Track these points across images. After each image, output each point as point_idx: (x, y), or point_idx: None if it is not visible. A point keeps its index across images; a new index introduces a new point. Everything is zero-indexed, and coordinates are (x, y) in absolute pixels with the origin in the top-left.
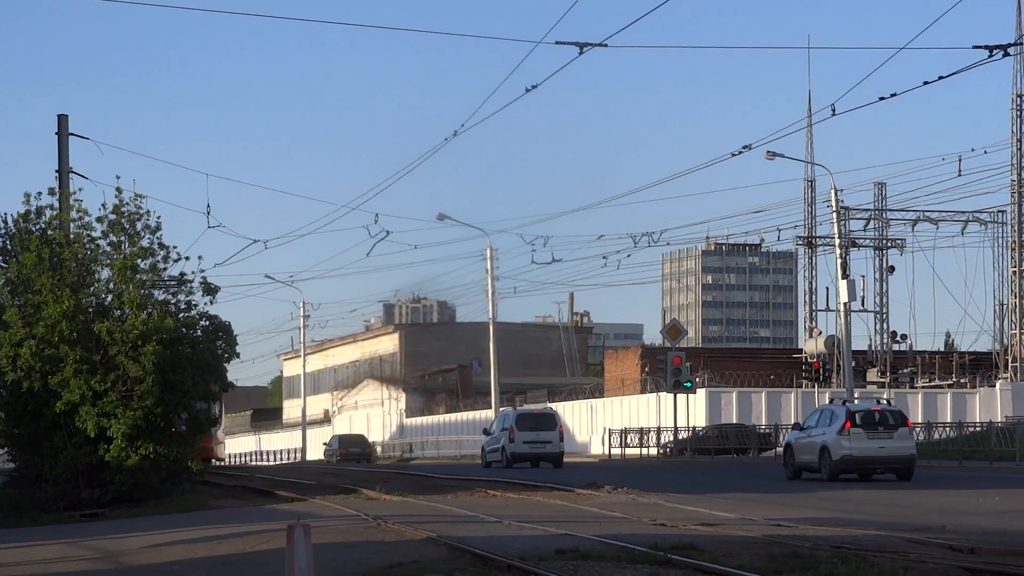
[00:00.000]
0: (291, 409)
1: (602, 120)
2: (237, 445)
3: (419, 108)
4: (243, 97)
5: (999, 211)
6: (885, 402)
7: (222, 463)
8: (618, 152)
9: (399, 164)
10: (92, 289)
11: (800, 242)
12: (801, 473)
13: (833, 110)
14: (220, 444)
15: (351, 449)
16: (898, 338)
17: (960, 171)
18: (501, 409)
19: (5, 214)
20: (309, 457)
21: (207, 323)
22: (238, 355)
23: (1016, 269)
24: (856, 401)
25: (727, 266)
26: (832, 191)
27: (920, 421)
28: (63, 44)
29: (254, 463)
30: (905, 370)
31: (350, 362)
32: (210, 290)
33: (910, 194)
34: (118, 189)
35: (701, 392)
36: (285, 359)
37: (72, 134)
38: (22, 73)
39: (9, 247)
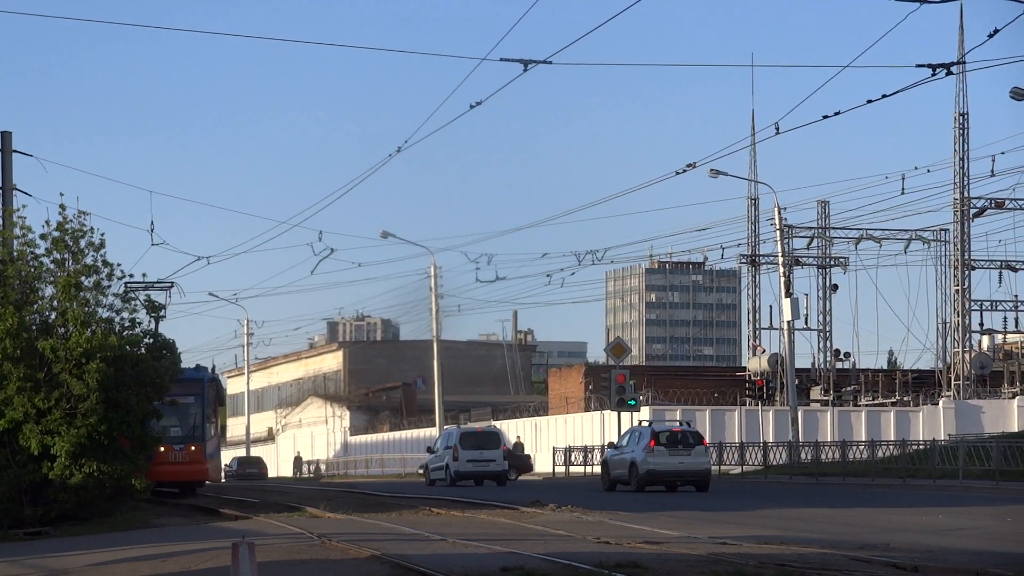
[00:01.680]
0: (235, 427)
1: (547, 138)
2: None
3: (363, 124)
4: (187, 114)
5: (942, 229)
6: (685, 424)
7: (217, 483)
8: (562, 170)
9: (342, 181)
10: (36, 306)
11: (743, 260)
12: (616, 485)
13: (777, 128)
14: (215, 463)
15: (248, 470)
16: (841, 356)
17: (903, 189)
18: (445, 427)
19: None
20: None
21: (151, 341)
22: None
23: (959, 288)
24: (678, 424)
25: (671, 284)
26: (775, 209)
27: (864, 439)
28: (5, 59)
29: None
30: (849, 388)
31: (294, 380)
32: (154, 308)
33: (853, 212)
34: (62, 206)
35: (645, 410)
36: (229, 377)
37: (16, 151)
38: None
39: None
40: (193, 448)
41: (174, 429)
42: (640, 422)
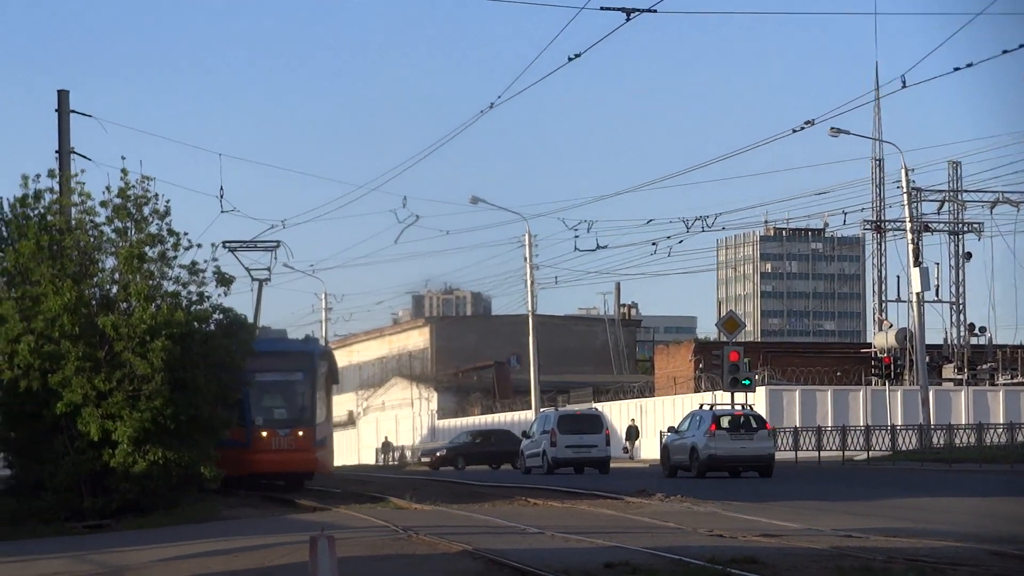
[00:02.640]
0: None
1: (651, 94)
2: None
3: (450, 81)
4: (258, 72)
5: None
6: (748, 407)
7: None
8: (668, 129)
9: (428, 141)
10: (96, 280)
11: (867, 227)
12: (676, 471)
13: (903, 82)
14: (326, 451)
15: None
16: (976, 331)
17: None
18: (542, 410)
19: (1, 198)
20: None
21: (221, 316)
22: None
23: None
24: (739, 406)
25: (788, 253)
26: (903, 171)
27: (1002, 421)
28: (64, 16)
29: None
30: (984, 366)
31: (377, 358)
32: (224, 281)
33: (989, 173)
34: (123, 171)
35: (761, 391)
36: None
37: (73, 111)
38: (19, 46)
39: (5, 234)
40: (301, 433)
41: (278, 411)
42: (701, 405)
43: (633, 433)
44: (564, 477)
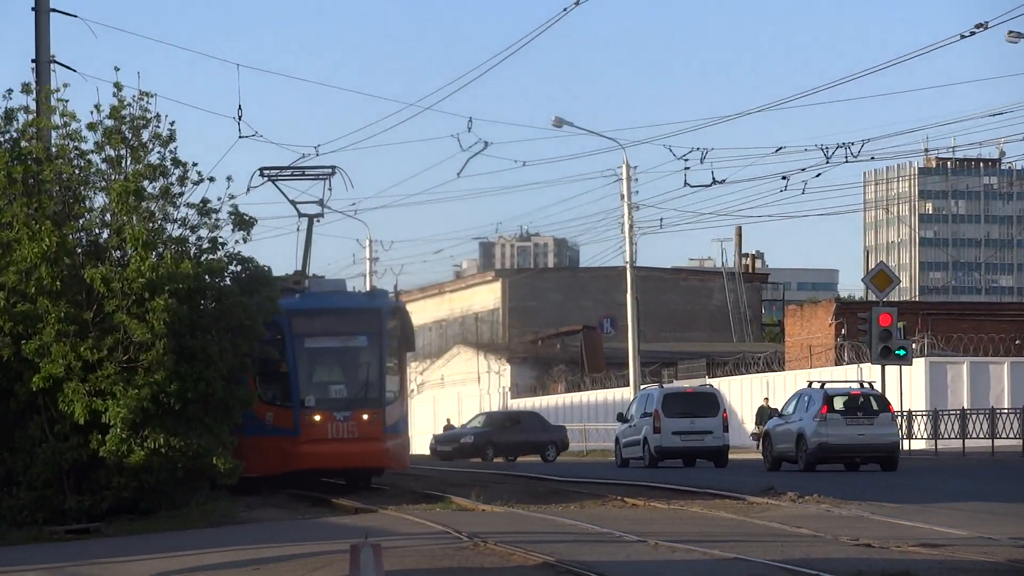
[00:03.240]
0: None
1: None
2: None
3: None
4: None
5: None
6: (868, 385)
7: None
8: (804, 37)
9: (497, 47)
10: (82, 222)
11: None
12: (780, 464)
13: None
14: (400, 441)
15: None
16: None
17: None
18: (642, 387)
19: None
20: None
21: (239, 268)
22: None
23: None
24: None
25: (954, 189)
26: None
27: None
28: None
29: None
30: None
31: (434, 321)
32: (243, 223)
33: None
34: (117, 85)
35: (919, 363)
36: None
37: (55, 10)
38: None
39: None
40: (366, 417)
41: (335, 388)
42: (809, 383)
43: (765, 415)
44: (670, 471)
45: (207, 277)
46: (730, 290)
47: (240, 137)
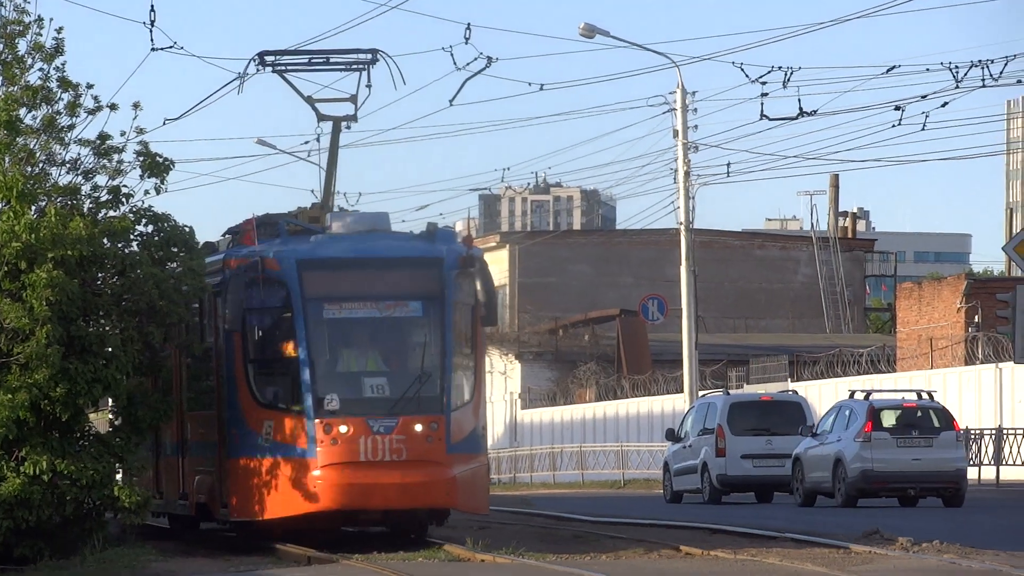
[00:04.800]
0: None
1: None
2: None
3: None
4: None
5: None
6: (927, 396)
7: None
8: None
9: None
10: None
11: None
12: (815, 498)
13: None
14: (476, 470)
15: None
16: None
17: None
18: (701, 394)
19: None
20: None
21: (151, 229)
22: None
23: None
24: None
25: None
26: None
27: None
28: None
29: None
30: None
31: None
32: (157, 168)
33: None
34: None
35: None
36: None
37: None
38: None
39: None
40: (420, 428)
41: (372, 382)
42: (852, 394)
43: None
44: (739, 508)
45: (106, 241)
46: (823, 262)
47: (153, 50)
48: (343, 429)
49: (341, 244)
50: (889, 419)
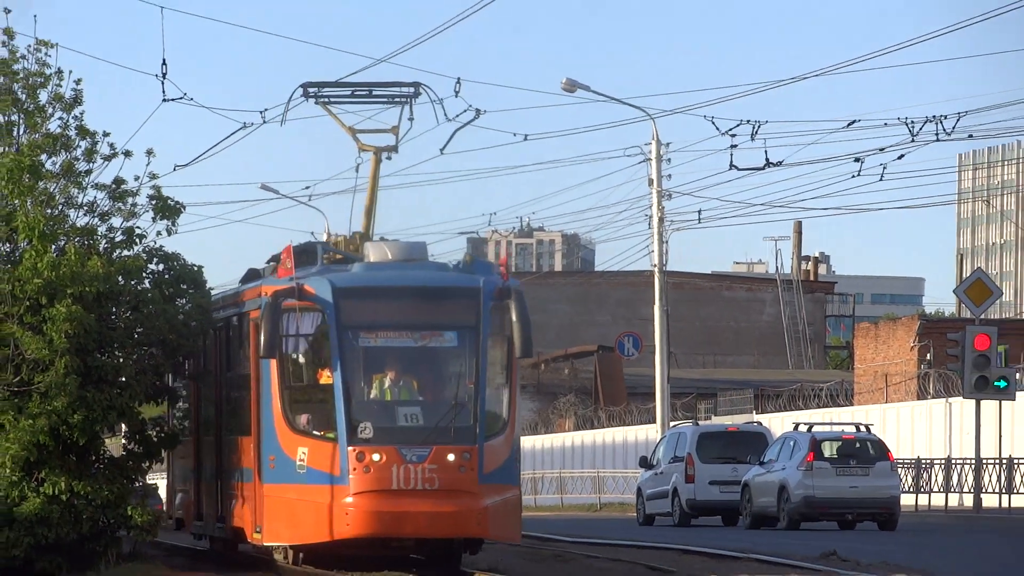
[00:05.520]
0: None
1: None
2: None
3: None
4: None
5: None
6: (864, 428)
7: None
8: None
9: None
10: None
11: None
12: (761, 522)
13: None
14: (508, 499)
15: None
16: None
17: None
18: (673, 425)
19: None
20: None
21: (162, 268)
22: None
23: None
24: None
25: None
26: None
27: None
28: None
29: None
30: None
31: None
32: (168, 210)
33: None
34: (7, 32)
35: None
36: None
37: None
38: None
39: None
40: (452, 458)
41: (406, 411)
42: (796, 426)
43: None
44: (707, 530)
45: (121, 278)
46: (786, 303)
47: (164, 100)
48: (376, 457)
49: (378, 273)
50: (829, 450)
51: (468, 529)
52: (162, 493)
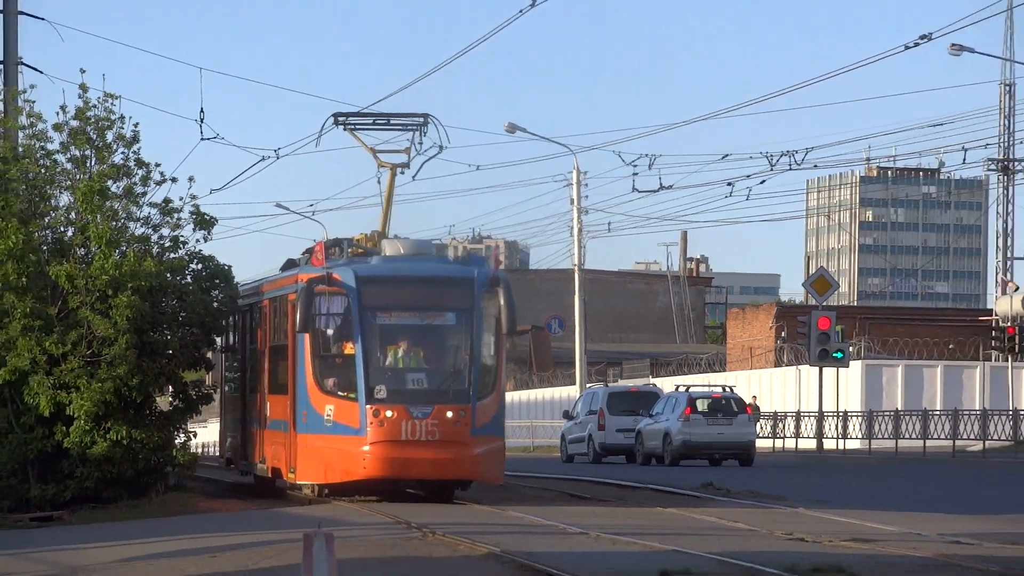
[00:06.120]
0: None
1: (727, 4)
2: None
3: None
4: None
5: None
6: (728, 389)
7: None
8: (749, 45)
9: (450, 51)
10: (47, 220)
11: (992, 167)
12: (651, 459)
13: None
14: (493, 446)
15: None
16: None
17: None
18: (588, 386)
19: None
20: None
21: (200, 267)
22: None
23: None
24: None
25: (894, 198)
26: None
27: None
28: None
29: None
30: None
31: None
32: (204, 223)
33: None
34: (82, 87)
35: (856, 366)
36: None
37: (22, 12)
38: None
39: None
40: (450, 414)
41: (413, 376)
42: (677, 387)
43: (754, 416)
44: (614, 467)
45: (169, 275)
46: (674, 293)
47: (202, 139)
48: (389, 414)
49: (392, 264)
50: (702, 405)
51: (462, 472)
52: (214, 438)
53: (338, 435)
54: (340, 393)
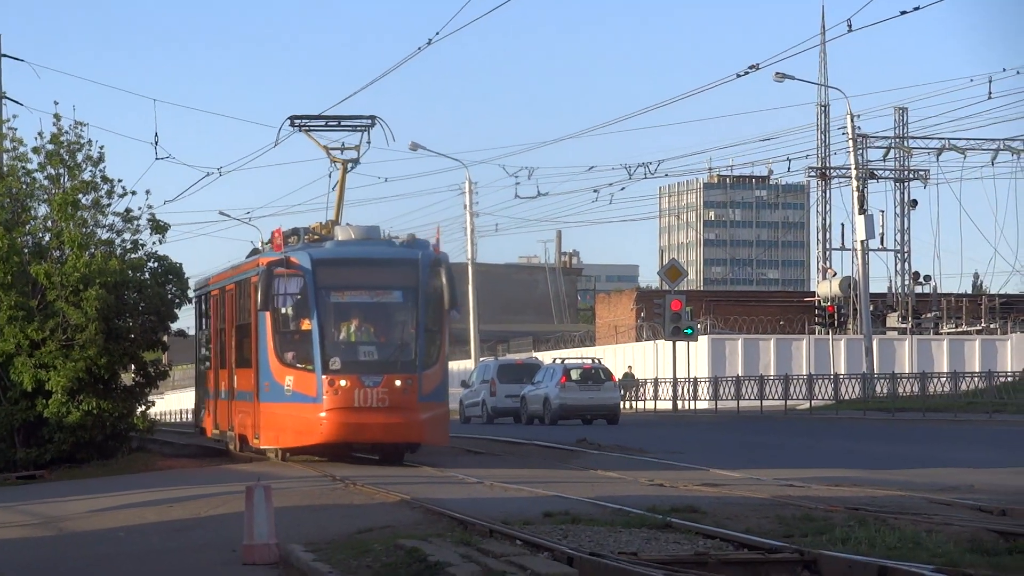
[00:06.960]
0: None
1: (592, 37)
2: (184, 400)
3: (384, 16)
4: (188, 18)
5: None
6: (597, 360)
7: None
8: (610, 73)
9: (360, 83)
10: (28, 227)
11: (812, 173)
12: (533, 420)
13: (849, 26)
14: (438, 411)
15: None
16: (921, 279)
17: (991, 94)
18: (481, 359)
19: None
20: None
21: (156, 265)
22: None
23: None
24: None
25: (732, 200)
26: (848, 117)
27: (946, 370)
28: None
29: None
30: (929, 315)
31: None
32: (159, 228)
33: (935, 120)
34: (56, 116)
35: (703, 340)
36: None
37: (5, 55)
38: None
39: None
40: (398, 383)
41: (364, 349)
42: (555, 360)
43: (629, 382)
44: (504, 427)
45: (130, 272)
46: (552, 282)
47: (156, 159)
48: (343, 383)
49: (344, 248)
50: (576, 374)
51: (411, 435)
52: (189, 406)
53: (297, 403)
54: (299, 365)
